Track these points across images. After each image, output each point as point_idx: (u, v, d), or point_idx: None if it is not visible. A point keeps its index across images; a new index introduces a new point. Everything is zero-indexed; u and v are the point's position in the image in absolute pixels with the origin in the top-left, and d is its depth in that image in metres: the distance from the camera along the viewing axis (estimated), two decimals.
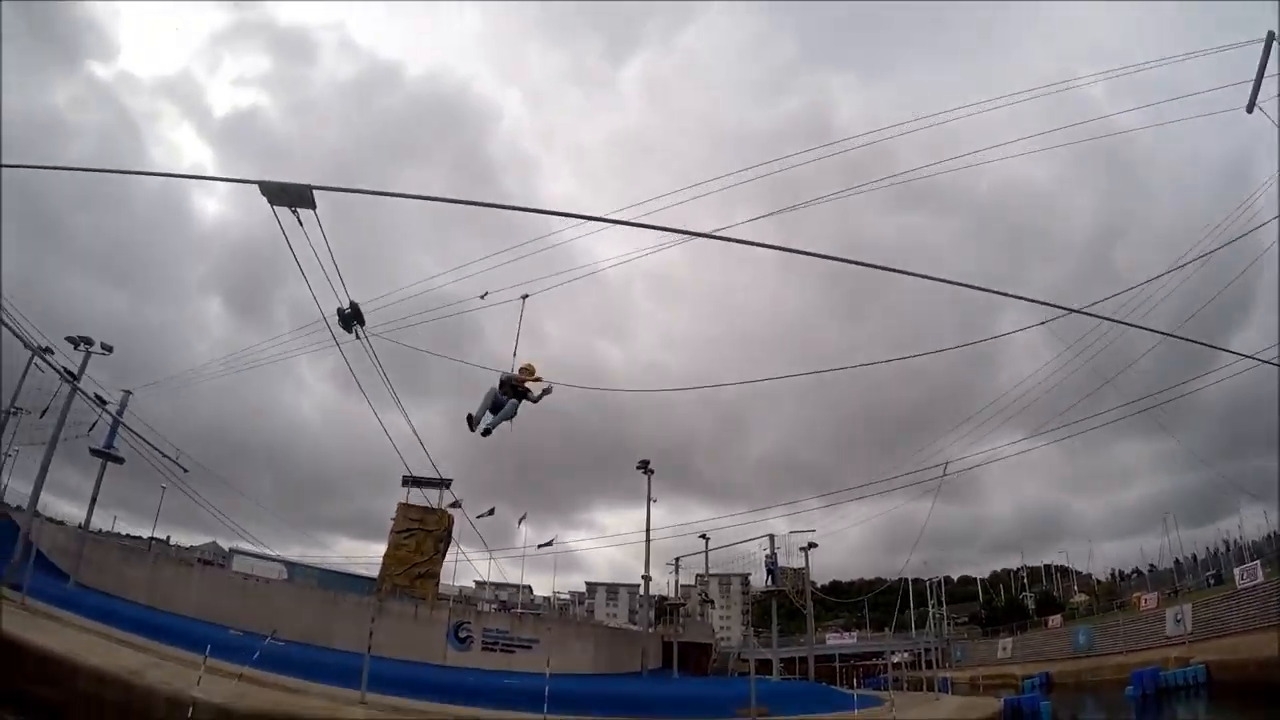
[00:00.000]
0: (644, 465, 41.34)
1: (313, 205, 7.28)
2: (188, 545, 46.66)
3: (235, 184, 7.47)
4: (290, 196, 7.16)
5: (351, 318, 11.11)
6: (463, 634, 34.38)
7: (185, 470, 30.19)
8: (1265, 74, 12.25)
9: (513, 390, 12.73)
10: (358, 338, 11.45)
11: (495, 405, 12.69)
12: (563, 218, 7.93)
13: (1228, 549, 57.00)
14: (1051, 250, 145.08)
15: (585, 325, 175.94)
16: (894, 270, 8.40)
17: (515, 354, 13.10)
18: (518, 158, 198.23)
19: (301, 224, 7.50)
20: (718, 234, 8.90)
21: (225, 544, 42.56)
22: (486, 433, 12.57)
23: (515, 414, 12.72)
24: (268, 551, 39.03)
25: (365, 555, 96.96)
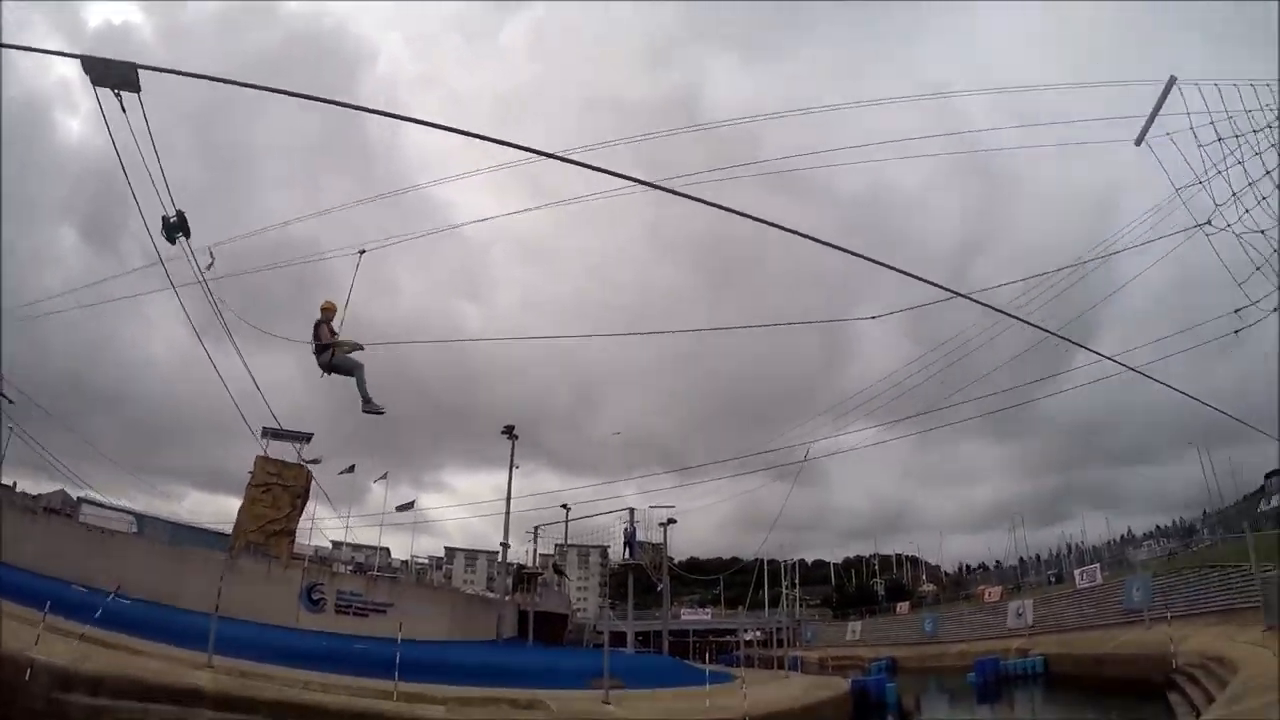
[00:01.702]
0: (509, 430, 40.22)
1: (137, 89, 6.59)
2: (35, 494, 41.41)
3: (99, 102, 6.78)
4: (115, 76, 6.50)
5: (176, 227, 10.32)
6: (316, 596, 32.70)
7: (11, 401, 28.27)
8: (1160, 113, 11.75)
9: (322, 349, 12.02)
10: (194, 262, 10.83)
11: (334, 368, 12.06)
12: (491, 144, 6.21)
13: (1069, 551, 60.60)
14: (912, 255, 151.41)
15: (443, 283, 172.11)
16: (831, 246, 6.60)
17: (346, 307, 12.45)
18: (392, 102, 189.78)
19: (125, 110, 6.88)
20: (661, 185, 7.00)
21: (75, 493, 38.43)
22: (381, 410, 12.20)
23: (358, 366, 12.00)
24: (118, 502, 37.15)
25: (215, 510, 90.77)
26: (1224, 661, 17.22)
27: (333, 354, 12.08)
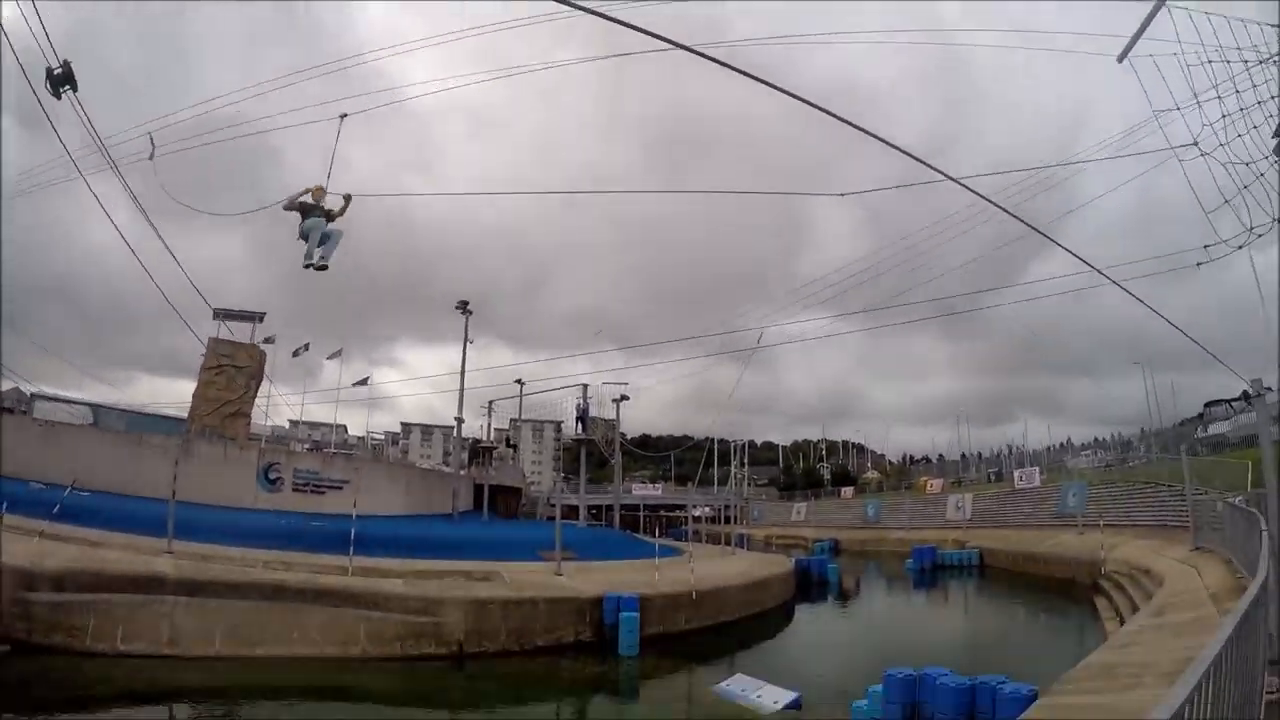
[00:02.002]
0: (463, 306, 39.39)
1: None
2: None
3: None
4: None
5: (61, 79, 9.73)
6: (273, 475, 31.95)
7: None
8: (1144, 34, 10.93)
9: (307, 210, 11.00)
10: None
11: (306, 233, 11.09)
12: None
13: (1010, 452, 62.77)
14: (871, 152, 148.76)
15: (394, 158, 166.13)
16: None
17: (329, 176, 11.36)
18: None
19: None
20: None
21: (29, 390, 36.93)
22: (323, 267, 11.01)
23: (335, 236, 11.14)
24: (72, 395, 36.05)
25: (172, 395, 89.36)
26: (1150, 574, 17.93)
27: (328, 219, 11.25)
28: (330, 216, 11.08)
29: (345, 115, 12.52)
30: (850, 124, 5.09)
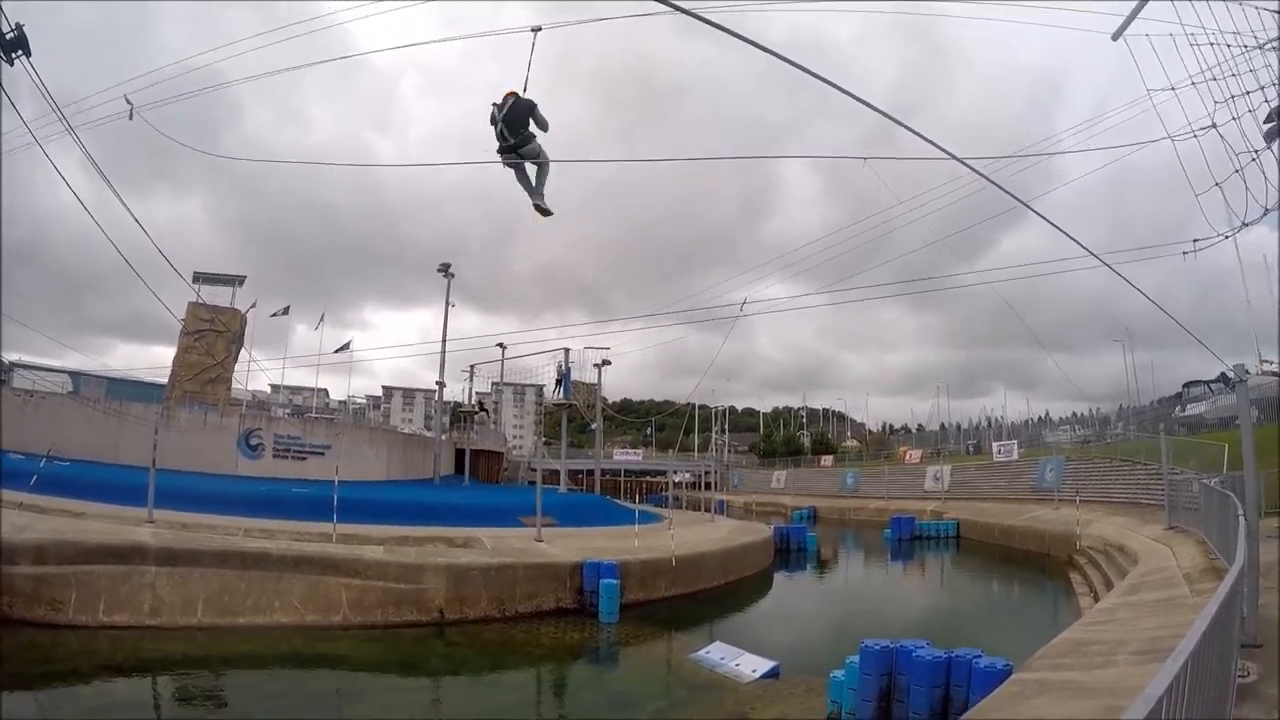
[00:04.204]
0: (445, 269, 38.93)
1: None
2: None
3: None
4: None
5: (13, 44, 9.65)
6: (254, 441, 31.99)
7: None
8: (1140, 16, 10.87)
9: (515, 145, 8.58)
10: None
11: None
12: None
13: (988, 424, 63.45)
14: (836, 111, 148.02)
15: (353, 115, 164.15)
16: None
17: (525, 90, 8.86)
18: None
19: None
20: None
21: (7, 359, 36.34)
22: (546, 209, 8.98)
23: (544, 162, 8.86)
24: (51, 363, 35.86)
25: (149, 360, 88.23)
26: (1125, 551, 18.25)
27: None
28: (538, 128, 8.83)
29: (539, 29, 10.36)
30: (821, 78, 4.97)
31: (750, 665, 11.73)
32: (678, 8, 3.78)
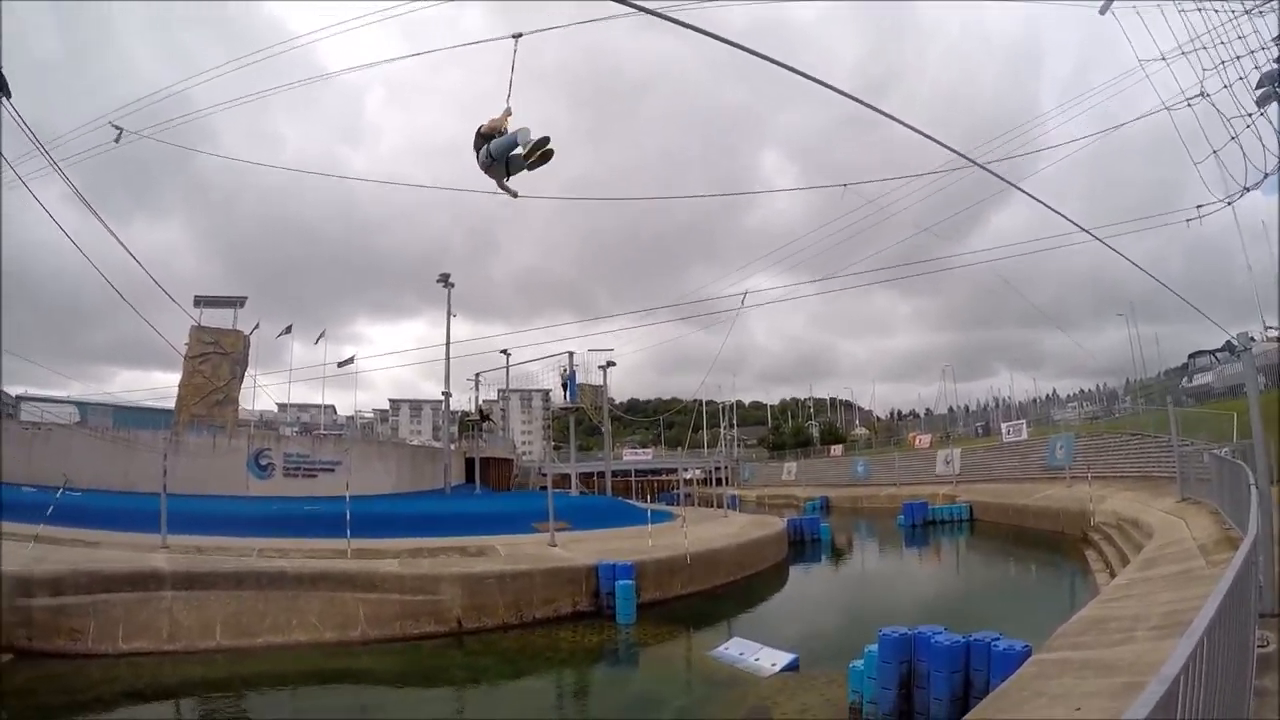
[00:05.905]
0: (444, 279, 38.52)
1: None
2: None
3: None
4: None
5: None
6: (264, 461, 32.11)
7: None
8: None
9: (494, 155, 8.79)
10: None
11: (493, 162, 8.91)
12: None
13: (996, 405, 63.30)
14: (800, 94, 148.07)
15: (322, 133, 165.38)
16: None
17: (509, 98, 9.05)
18: None
19: None
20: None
21: (14, 392, 36.63)
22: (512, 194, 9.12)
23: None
24: (57, 394, 36.27)
25: (150, 386, 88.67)
26: (1139, 525, 18.19)
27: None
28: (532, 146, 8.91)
29: (519, 35, 10.57)
30: (789, 68, 4.97)
31: (770, 659, 11.73)
32: (641, 8, 3.81)
